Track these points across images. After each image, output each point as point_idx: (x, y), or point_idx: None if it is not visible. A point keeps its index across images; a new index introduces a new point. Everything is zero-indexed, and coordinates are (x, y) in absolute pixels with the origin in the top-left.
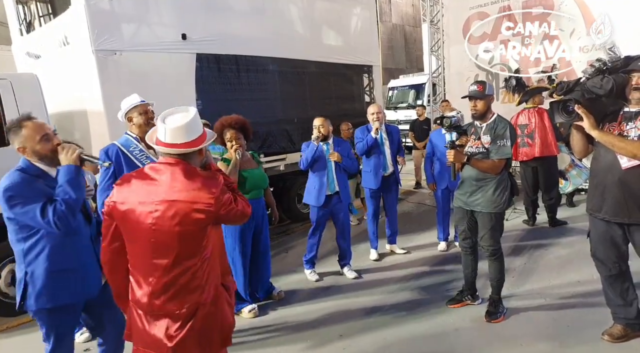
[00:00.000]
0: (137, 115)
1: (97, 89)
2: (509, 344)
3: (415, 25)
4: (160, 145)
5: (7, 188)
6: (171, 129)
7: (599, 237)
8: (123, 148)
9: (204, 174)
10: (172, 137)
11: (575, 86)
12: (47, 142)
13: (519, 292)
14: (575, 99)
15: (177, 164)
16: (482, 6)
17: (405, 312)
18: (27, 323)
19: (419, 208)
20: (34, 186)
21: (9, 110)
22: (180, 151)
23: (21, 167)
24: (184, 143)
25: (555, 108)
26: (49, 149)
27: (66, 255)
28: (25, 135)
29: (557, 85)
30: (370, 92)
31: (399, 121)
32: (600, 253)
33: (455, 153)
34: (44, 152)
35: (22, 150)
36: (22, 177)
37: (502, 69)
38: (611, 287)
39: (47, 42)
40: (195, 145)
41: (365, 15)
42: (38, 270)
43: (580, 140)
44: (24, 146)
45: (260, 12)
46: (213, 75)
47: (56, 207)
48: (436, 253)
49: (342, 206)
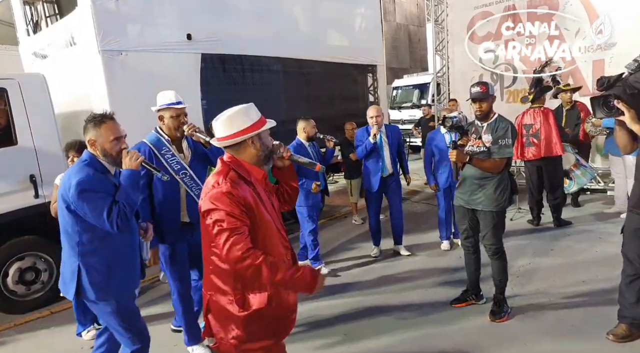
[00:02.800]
0: (169, 118)
1: (103, 89)
2: (513, 344)
3: (420, 24)
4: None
5: (81, 182)
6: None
7: (634, 235)
8: (154, 149)
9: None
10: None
11: (617, 81)
12: (117, 144)
13: (523, 291)
14: (615, 94)
15: None
16: (486, 5)
17: (410, 311)
18: (34, 320)
19: (423, 208)
20: (104, 183)
21: (17, 109)
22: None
23: (88, 162)
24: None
25: (596, 103)
26: (116, 150)
27: (120, 250)
28: (102, 132)
29: (598, 80)
30: (375, 91)
31: (403, 121)
32: (632, 251)
33: (458, 153)
34: (111, 152)
35: (92, 143)
36: (92, 172)
37: (506, 68)
38: (630, 286)
39: (53, 42)
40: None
41: (370, 14)
42: (95, 263)
43: (624, 136)
44: (96, 140)
45: (264, 13)
46: (218, 75)
47: (120, 209)
48: (440, 253)
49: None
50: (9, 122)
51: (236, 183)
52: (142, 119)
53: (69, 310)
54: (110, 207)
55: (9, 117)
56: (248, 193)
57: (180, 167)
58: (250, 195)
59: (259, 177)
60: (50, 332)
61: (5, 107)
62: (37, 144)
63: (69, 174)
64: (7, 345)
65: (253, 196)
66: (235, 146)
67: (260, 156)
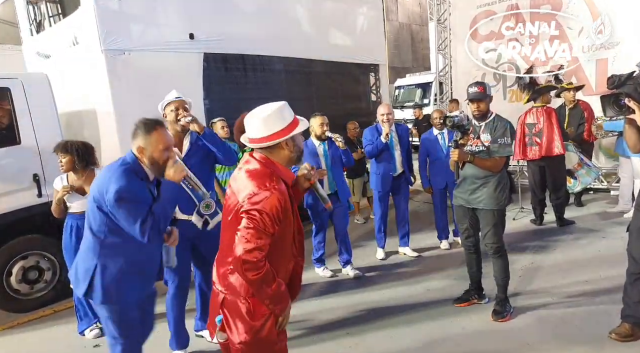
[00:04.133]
0: (169, 112)
1: (106, 88)
2: (515, 343)
3: (422, 23)
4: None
5: (120, 190)
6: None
7: (639, 233)
8: None
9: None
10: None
11: (628, 80)
12: (165, 154)
13: (526, 291)
14: (626, 92)
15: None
16: (489, 4)
17: (412, 311)
18: (37, 319)
19: (425, 208)
20: (143, 191)
21: (20, 109)
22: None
23: (131, 166)
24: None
25: (606, 102)
26: (163, 160)
27: (138, 257)
28: (152, 139)
29: (609, 79)
30: (377, 91)
31: (405, 120)
32: (636, 250)
33: (460, 152)
34: (158, 160)
35: (141, 150)
36: (133, 179)
37: (509, 68)
38: (634, 284)
39: (56, 42)
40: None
41: (372, 14)
42: (111, 266)
43: (634, 134)
44: (145, 147)
45: (266, 12)
46: (220, 74)
47: (154, 220)
48: (443, 252)
49: (341, 206)
50: (12, 121)
51: (282, 189)
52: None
53: (72, 309)
54: (146, 218)
55: (12, 116)
56: (287, 196)
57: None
58: (288, 200)
59: (290, 180)
60: (53, 330)
61: (9, 106)
62: (40, 144)
63: (108, 175)
64: (10, 343)
65: (288, 201)
66: (269, 147)
67: (293, 157)
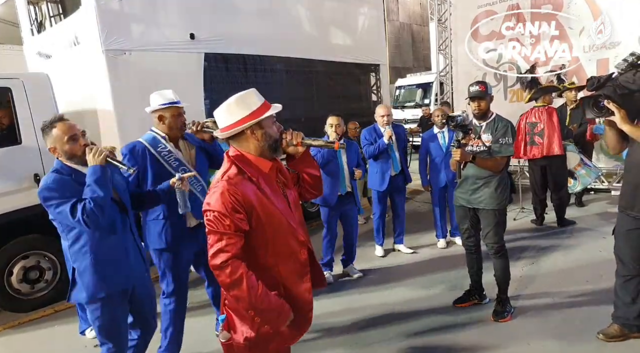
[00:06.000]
0: (171, 117)
1: (106, 88)
2: (516, 344)
3: (423, 23)
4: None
5: (42, 190)
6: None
7: (626, 236)
8: (150, 147)
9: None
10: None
11: (607, 81)
12: (75, 142)
13: (526, 291)
14: (605, 94)
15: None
16: (490, 4)
17: (412, 311)
18: (37, 319)
19: (425, 207)
20: (67, 186)
21: (21, 109)
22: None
23: (55, 168)
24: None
25: (586, 103)
26: (76, 149)
27: (106, 248)
28: (54, 135)
29: (588, 80)
30: (378, 91)
31: (406, 120)
32: (624, 252)
33: (462, 152)
34: (72, 152)
35: (53, 150)
36: (55, 178)
37: (510, 68)
38: (623, 286)
39: (57, 42)
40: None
41: (373, 14)
42: (83, 265)
43: (614, 136)
44: (54, 146)
45: (267, 12)
46: (221, 74)
47: (85, 205)
48: (443, 252)
49: (352, 207)
50: (13, 121)
51: (235, 181)
52: (146, 117)
53: (73, 308)
54: (73, 206)
55: (13, 116)
56: (250, 191)
57: (179, 164)
58: (253, 192)
59: (265, 170)
60: (54, 330)
61: (10, 106)
62: (41, 143)
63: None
64: (11, 343)
65: (256, 193)
66: (236, 137)
67: (264, 146)
